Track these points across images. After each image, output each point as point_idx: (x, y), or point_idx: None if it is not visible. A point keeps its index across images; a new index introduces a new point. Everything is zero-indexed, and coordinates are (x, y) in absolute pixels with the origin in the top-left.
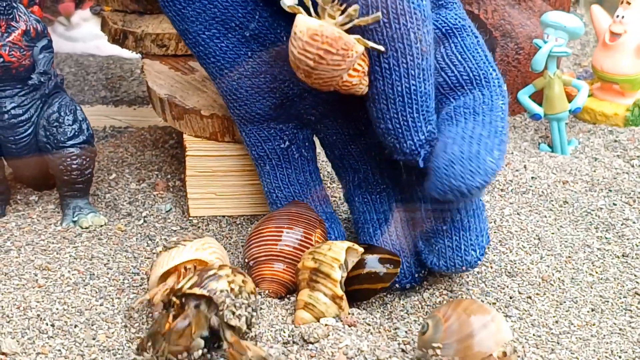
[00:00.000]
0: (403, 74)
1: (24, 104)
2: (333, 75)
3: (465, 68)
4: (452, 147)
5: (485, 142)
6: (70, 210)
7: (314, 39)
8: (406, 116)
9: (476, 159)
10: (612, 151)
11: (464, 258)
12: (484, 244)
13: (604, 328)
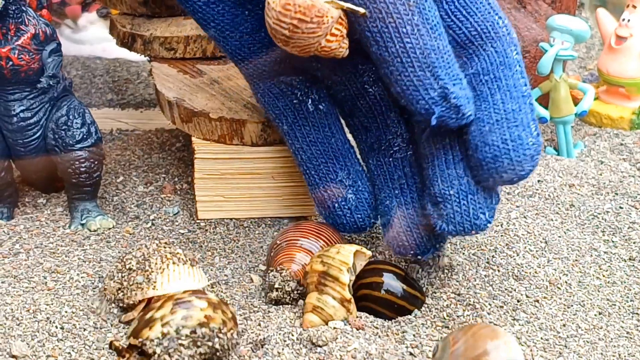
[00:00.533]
0: (394, 35)
1: (32, 107)
2: (310, 43)
3: (472, 23)
4: (492, 137)
5: (521, 119)
6: (79, 213)
7: (286, 8)
8: (410, 76)
9: (520, 146)
10: (618, 154)
11: (473, 222)
12: (494, 205)
13: (611, 331)
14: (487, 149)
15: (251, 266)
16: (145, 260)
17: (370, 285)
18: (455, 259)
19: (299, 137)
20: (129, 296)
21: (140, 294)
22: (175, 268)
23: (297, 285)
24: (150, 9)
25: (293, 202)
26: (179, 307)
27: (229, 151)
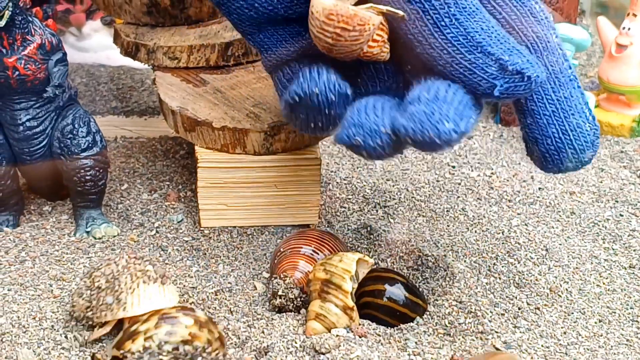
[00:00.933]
0: (434, 30)
1: (38, 116)
2: (353, 50)
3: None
4: (551, 129)
5: (575, 106)
6: (84, 220)
7: (329, 18)
8: (462, 63)
9: (581, 134)
10: (618, 162)
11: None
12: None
13: (612, 339)
14: (548, 141)
15: (255, 274)
16: (115, 279)
17: (373, 293)
18: (456, 266)
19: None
20: (98, 316)
21: (110, 315)
22: (145, 287)
23: (300, 292)
24: (154, 18)
25: (295, 210)
26: (164, 322)
27: (232, 160)
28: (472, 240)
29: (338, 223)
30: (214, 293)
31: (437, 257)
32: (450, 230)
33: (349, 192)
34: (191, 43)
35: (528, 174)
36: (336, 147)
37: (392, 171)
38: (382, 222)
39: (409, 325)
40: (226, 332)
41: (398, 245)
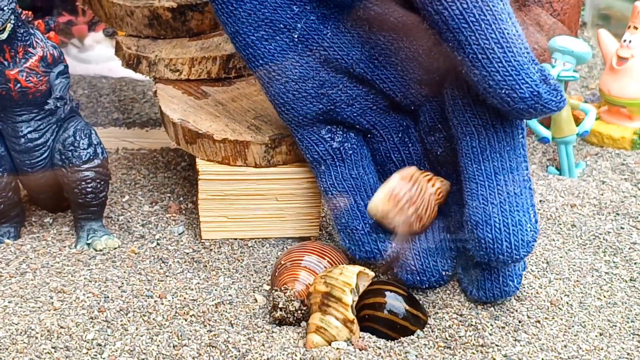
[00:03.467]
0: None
1: (40, 128)
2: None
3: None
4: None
5: (522, 204)
6: (85, 232)
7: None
8: (511, 61)
9: (520, 231)
10: (619, 174)
11: (502, 289)
12: (521, 273)
13: (612, 353)
14: (488, 229)
15: (255, 286)
16: None
17: (373, 306)
18: (457, 279)
19: (333, 176)
20: None
21: None
22: None
23: (301, 305)
24: (155, 30)
25: (296, 222)
26: None
27: (233, 172)
28: None
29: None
30: (214, 305)
31: None
32: None
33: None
34: (192, 55)
35: None
36: None
37: None
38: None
39: (409, 338)
40: (226, 344)
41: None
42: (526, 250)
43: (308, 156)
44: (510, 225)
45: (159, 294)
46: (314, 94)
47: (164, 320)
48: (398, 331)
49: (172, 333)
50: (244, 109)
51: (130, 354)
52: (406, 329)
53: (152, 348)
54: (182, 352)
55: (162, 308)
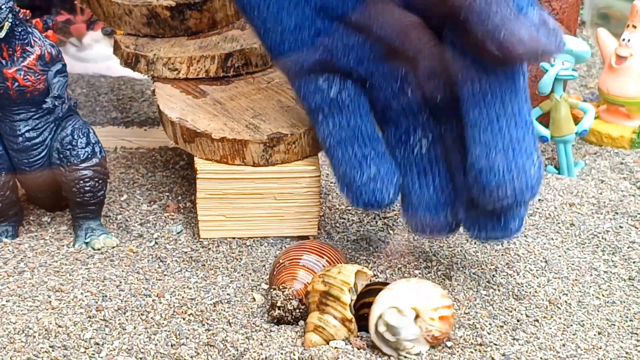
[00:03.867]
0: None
1: (37, 127)
2: None
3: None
4: (497, 164)
5: (526, 148)
6: (83, 231)
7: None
8: (508, 3)
9: (524, 175)
10: (618, 173)
11: (504, 231)
12: (523, 215)
13: (611, 352)
14: (491, 175)
15: (254, 285)
16: None
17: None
18: (455, 278)
19: (330, 125)
20: None
21: None
22: None
23: (299, 304)
24: (153, 29)
25: (295, 221)
26: None
27: (231, 171)
28: (472, 252)
29: (337, 234)
30: (212, 304)
31: (437, 269)
32: (449, 242)
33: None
34: (191, 54)
35: None
36: None
37: None
38: (382, 234)
39: None
40: (224, 343)
41: (397, 257)
42: (531, 194)
43: (306, 105)
44: (514, 170)
45: (157, 293)
46: (310, 44)
47: (162, 319)
48: None
49: (170, 332)
50: (243, 108)
51: (128, 353)
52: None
53: (150, 347)
54: (180, 351)
55: (160, 307)
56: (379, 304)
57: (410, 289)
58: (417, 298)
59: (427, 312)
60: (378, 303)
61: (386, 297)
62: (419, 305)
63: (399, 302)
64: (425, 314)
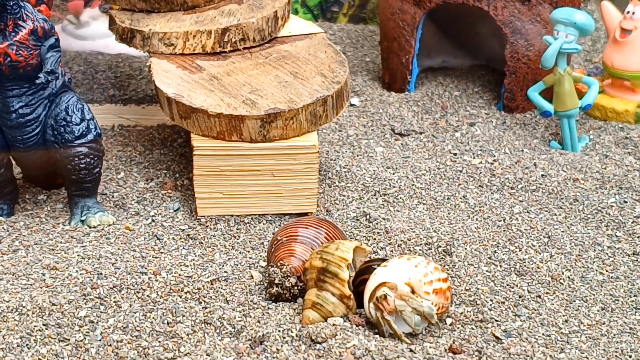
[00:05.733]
0: None
1: (31, 103)
2: None
3: None
4: None
5: None
6: (79, 209)
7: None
8: None
9: None
10: (622, 148)
11: None
12: None
13: (614, 327)
14: None
15: (251, 262)
16: None
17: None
18: (456, 254)
19: None
20: None
21: None
22: None
23: (298, 281)
24: (149, 4)
25: (293, 198)
26: None
27: (228, 148)
28: (473, 228)
29: (337, 211)
30: (209, 282)
31: (437, 245)
32: (450, 218)
33: (349, 180)
34: (187, 29)
35: (531, 160)
36: (336, 135)
37: (393, 159)
38: (382, 211)
39: None
40: (221, 321)
41: (397, 234)
42: None
43: None
44: None
45: (153, 271)
46: None
47: (158, 297)
48: None
49: (167, 310)
50: (240, 83)
51: (123, 331)
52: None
53: (145, 325)
54: (176, 328)
55: (156, 285)
56: (373, 281)
57: (403, 264)
58: (410, 273)
59: (422, 287)
60: (372, 280)
61: (380, 274)
62: (413, 279)
63: (393, 278)
64: (419, 289)
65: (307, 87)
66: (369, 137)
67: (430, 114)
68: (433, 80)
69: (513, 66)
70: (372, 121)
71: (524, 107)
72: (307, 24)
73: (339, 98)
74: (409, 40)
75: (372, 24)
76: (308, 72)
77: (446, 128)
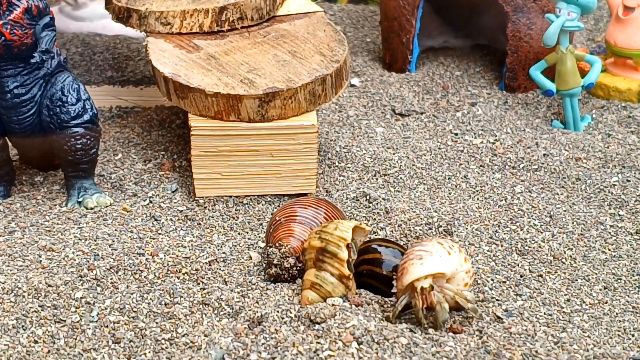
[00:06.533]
0: None
1: (26, 83)
2: None
3: None
4: None
5: None
6: (75, 190)
7: None
8: None
9: None
10: (625, 127)
11: None
12: None
13: (617, 306)
14: None
15: (250, 243)
16: None
17: (372, 262)
18: (457, 234)
19: None
20: None
21: None
22: None
23: (296, 261)
24: None
25: (292, 179)
26: None
27: (226, 128)
28: (474, 208)
29: (337, 192)
30: (207, 263)
31: (438, 225)
32: (451, 198)
33: (349, 160)
34: (184, 8)
35: (533, 140)
36: (336, 115)
37: (393, 139)
38: (382, 191)
39: None
40: (219, 302)
41: (397, 214)
42: None
43: None
44: None
45: (151, 252)
46: None
47: (156, 278)
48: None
49: (164, 291)
50: (237, 63)
51: (120, 312)
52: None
53: (142, 306)
54: (174, 309)
55: (153, 266)
56: (418, 270)
57: (443, 253)
58: (453, 264)
59: (463, 278)
60: (417, 269)
61: (428, 264)
62: (456, 271)
63: (440, 269)
64: (460, 280)
65: (306, 66)
66: (369, 117)
67: (431, 94)
68: (434, 60)
69: (515, 45)
70: (373, 102)
71: (526, 86)
72: (306, 3)
73: (338, 77)
74: (410, 19)
75: (372, 4)
76: (307, 51)
77: (447, 108)
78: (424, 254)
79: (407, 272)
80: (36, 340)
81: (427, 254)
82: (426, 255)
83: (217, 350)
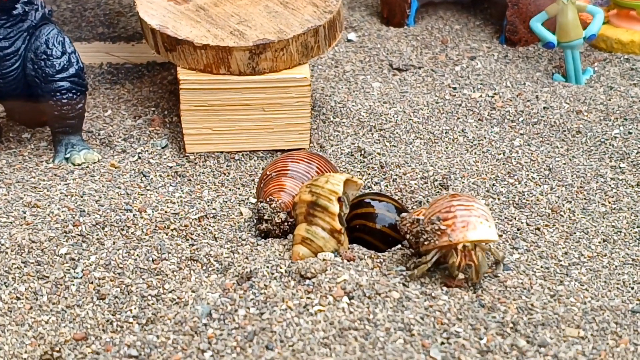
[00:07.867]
0: None
1: (9, 36)
2: None
3: None
4: None
5: None
6: (63, 147)
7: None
8: None
9: None
10: (628, 80)
11: None
12: None
13: (616, 259)
14: None
15: (241, 199)
16: None
17: (365, 216)
18: (453, 188)
19: None
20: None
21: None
22: None
23: (288, 216)
24: None
25: (285, 134)
26: None
27: (216, 81)
28: (471, 162)
29: (331, 147)
30: (197, 219)
31: (434, 180)
32: (448, 152)
33: (344, 115)
34: None
35: (533, 93)
36: (331, 71)
37: (390, 94)
38: (377, 146)
39: (399, 249)
40: (208, 258)
41: (392, 169)
42: None
43: None
44: None
45: (139, 208)
46: None
47: (143, 234)
48: (389, 243)
49: (151, 247)
50: (227, 14)
51: (105, 268)
52: (398, 241)
53: (129, 262)
54: (161, 265)
55: (141, 222)
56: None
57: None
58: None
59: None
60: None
61: (481, 230)
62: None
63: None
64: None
65: (298, 17)
66: (366, 72)
67: (429, 49)
68: (433, 14)
69: None
70: (370, 57)
71: (527, 40)
72: None
73: (332, 29)
74: None
75: None
76: (299, 1)
77: (446, 62)
78: (488, 217)
79: (473, 227)
80: (18, 297)
81: (489, 216)
82: (490, 217)
83: (204, 305)
